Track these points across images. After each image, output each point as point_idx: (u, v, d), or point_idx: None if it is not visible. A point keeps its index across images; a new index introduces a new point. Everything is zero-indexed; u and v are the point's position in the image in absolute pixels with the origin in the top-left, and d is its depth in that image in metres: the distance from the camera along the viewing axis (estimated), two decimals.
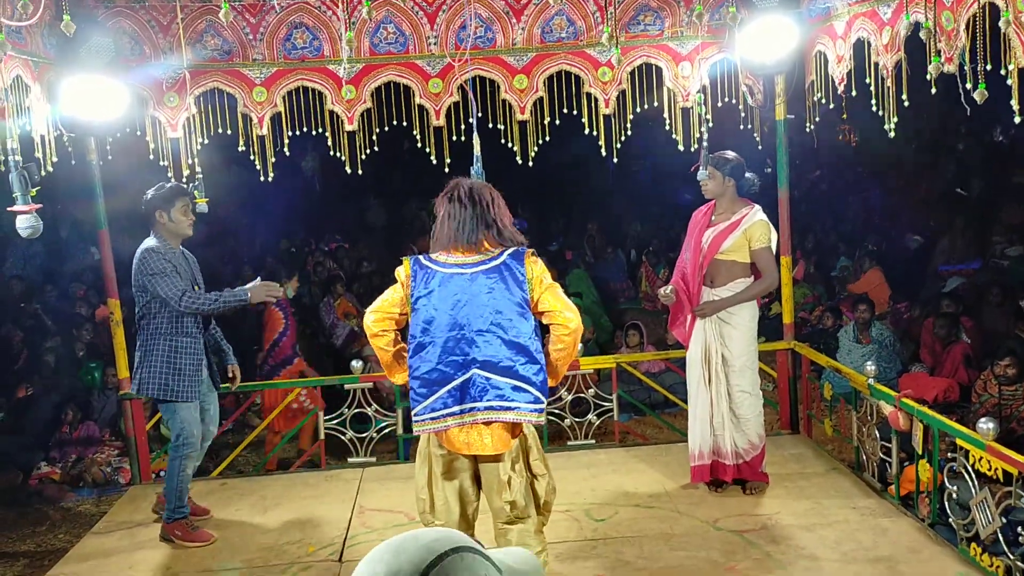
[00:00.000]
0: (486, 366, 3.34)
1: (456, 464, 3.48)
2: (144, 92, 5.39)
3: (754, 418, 4.94)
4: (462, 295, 3.36)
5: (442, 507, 3.50)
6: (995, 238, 10.43)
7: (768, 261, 4.88)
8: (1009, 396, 6.11)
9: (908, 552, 4.23)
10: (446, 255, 3.44)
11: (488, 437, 3.36)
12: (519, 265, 3.40)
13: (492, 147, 5.41)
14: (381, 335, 3.49)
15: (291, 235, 13.81)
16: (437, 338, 3.37)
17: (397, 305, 3.47)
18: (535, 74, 5.55)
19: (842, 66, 4.91)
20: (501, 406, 3.35)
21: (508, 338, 3.35)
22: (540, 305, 3.41)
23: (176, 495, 4.74)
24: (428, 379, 3.38)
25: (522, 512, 3.48)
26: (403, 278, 3.46)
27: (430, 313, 3.38)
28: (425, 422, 3.39)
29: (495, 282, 3.37)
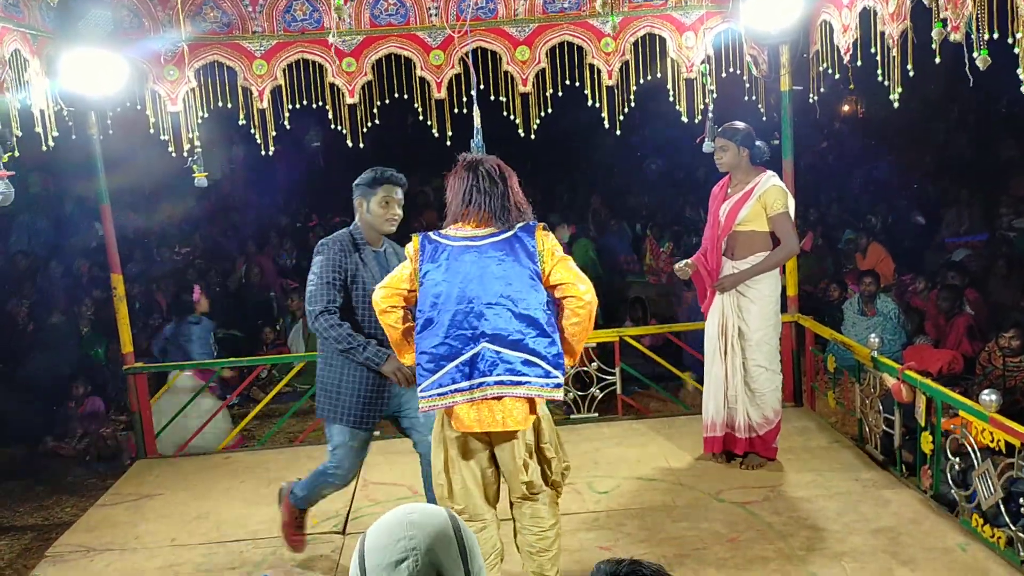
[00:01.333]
0: (495, 339, 3.24)
1: (471, 445, 3.38)
2: (143, 65, 5.36)
3: (770, 393, 4.93)
4: (472, 269, 3.28)
5: (460, 491, 3.41)
6: (1002, 210, 10.35)
7: (786, 227, 4.83)
8: (1014, 368, 6.09)
9: (910, 523, 4.24)
10: (456, 229, 3.36)
11: (500, 413, 3.26)
12: (530, 238, 3.32)
13: (494, 120, 5.37)
14: (390, 311, 3.40)
15: (294, 210, 13.80)
16: (445, 312, 3.27)
17: (406, 281, 3.38)
18: (537, 45, 5.50)
19: (848, 35, 4.85)
20: (512, 380, 3.24)
21: (518, 311, 3.25)
22: (552, 278, 3.31)
23: (309, 492, 4.18)
24: (435, 354, 3.27)
25: (538, 489, 3.43)
26: (412, 253, 3.38)
27: (439, 288, 3.29)
28: (432, 398, 3.29)
29: (505, 254, 3.28)
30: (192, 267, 10.14)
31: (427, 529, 1.42)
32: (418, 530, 1.41)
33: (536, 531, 3.45)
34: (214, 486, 5.31)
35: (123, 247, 7.42)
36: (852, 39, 4.81)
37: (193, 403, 6.29)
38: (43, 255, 10.63)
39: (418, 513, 1.46)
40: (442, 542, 1.42)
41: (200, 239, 11.71)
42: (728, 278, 4.87)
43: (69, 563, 4.41)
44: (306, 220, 13.31)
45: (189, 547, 4.50)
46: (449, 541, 1.42)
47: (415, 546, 1.39)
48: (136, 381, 5.85)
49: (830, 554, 3.99)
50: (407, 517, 1.44)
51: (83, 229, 11.31)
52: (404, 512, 1.46)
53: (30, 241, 11.12)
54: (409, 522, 1.43)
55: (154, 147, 5.63)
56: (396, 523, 1.43)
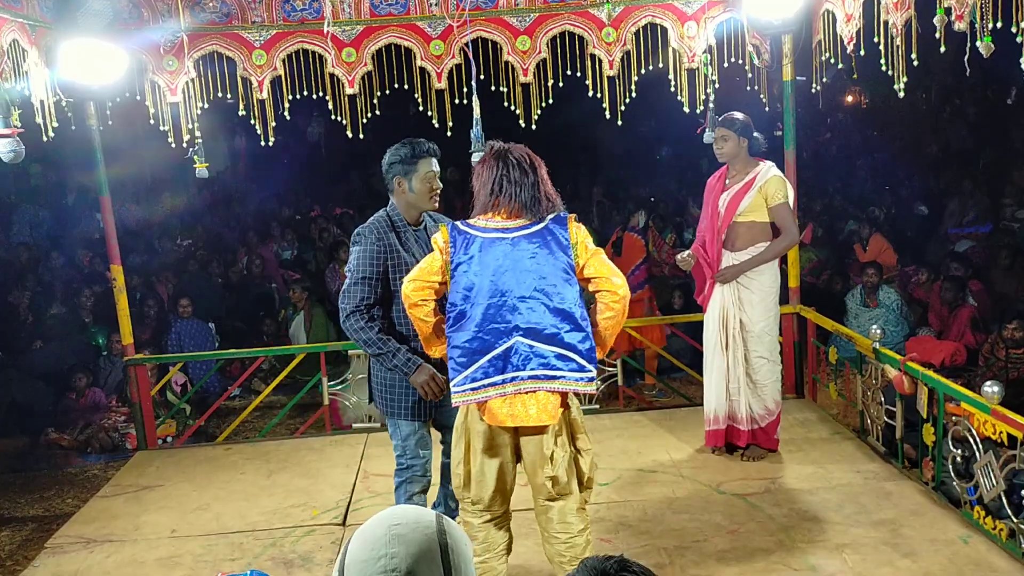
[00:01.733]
0: (529, 333, 3.18)
1: (497, 439, 3.31)
2: (143, 56, 5.33)
3: (771, 384, 4.91)
4: (504, 261, 3.21)
5: (478, 483, 3.36)
6: (1005, 200, 10.32)
7: (787, 217, 4.82)
8: (1017, 359, 6.07)
9: (911, 515, 4.22)
10: (485, 219, 3.27)
11: (533, 407, 3.20)
12: (562, 229, 3.25)
13: (495, 111, 5.34)
14: (421, 304, 3.29)
15: (295, 201, 13.78)
16: (478, 305, 3.20)
17: (437, 273, 3.28)
18: (538, 35, 5.46)
19: (851, 25, 4.81)
20: (545, 375, 3.19)
21: (553, 305, 3.19)
22: (586, 271, 3.26)
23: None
24: (468, 348, 3.21)
25: (564, 488, 3.33)
26: (441, 244, 3.28)
27: (470, 280, 3.22)
28: (465, 392, 3.22)
29: (538, 247, 3.21)
30: (194, 258, 10.14)
31: (411, 546, 1.34)
32: (401, 546, 1.34)
33: (565, 538, 3.36)
34: (214, 478, 5.31)
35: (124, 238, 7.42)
36: (855, 28, 4.77)
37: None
38: (44, 246, 10.63)
39: (403, 524, 1.38)
40: (425, 559, 1.34)
41: (202, 230, 11.70)
42: (729, 269, 4.85)
43: (69, 554, 4.41)
44: (307, 211, 13.30)
45: (189, 538, 4.50)
46: (433, 558, 1.35)
47: (395, 566, 1.31)
48: (137, 373, 5.85)
49: (831, 546, 3.98)
50: (391, 530, 1.37)
51: (84, 220, 11.32)
52: (389, 523, 1.39)
53: (31, 232, 11.13)
54: (392, 536, 1.35)
55: (154, 138, 5.60)
56: (379, 535, 1.36)
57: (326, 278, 9.70)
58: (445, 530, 1.38)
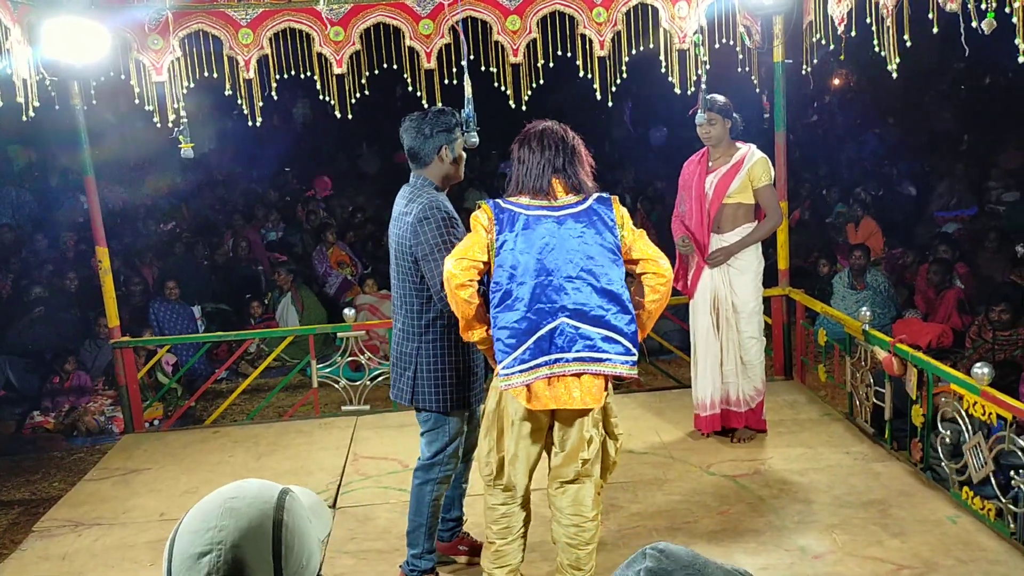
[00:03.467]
0: (576, 315, 3.12)
1: (536, 424, 3.26)
2: (127, 34, 5.25)
3: (759, 364, 4.94)
4: (550, 239, 3.13)
5: (511, 469, 3.28)
6: (991, 183, 10.36)
7: (772, 198, 4.85)
8: (1003, 341, 6.11)
9: (900, 496, 4.25)
10: (528, 197, 3.22)
11: (577, 390, 3.14)
12: (608, 210, 3.20)
13: (485, 91, 5.29)
14: (468, 285, 3.14)
15: (282, 183, 13.68)
16: (525, 284, 3.12)
17: (482, 251, 3.16)
18: (528, 15, 5.41)
19: (842, 6, 4.78)
20: (592, 357, 3.13)
21: (600, 286, 3.13)
22: (633, 252, 3.22)
23: (426, 534, 3.65)
24: (518, 328, 3.11)
25: (587, 472, 3.29)
26: (486, 223, 3.18)
27: (516, 258, 3.13)
28: (513, 375, 3.12)
29: (585, 226, 3.16)
30: (179, 240, 10.05)
31: (241, 520, 1.28)
32: (231, 520, 1.28)
33: (578, 521, 3.32)
34: (203, 460, 5.28)
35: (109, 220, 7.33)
36: (846, 9, 4.74)
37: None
38: (28, 228, 10.53)
39: (240, 498, 1.32)
40: (254, 537, 1.27)
41: (187, 212, 11.61)
42: (720, 251, 4.85)
43: (57, 538, 4.38)
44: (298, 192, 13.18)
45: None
46: (262, 536, 1.28)
47: (221, 539, 1.26)
48: (123, 355, 5.80)
49: (821, 527, 4.00)
50: (227, 503, 1.30)
51: (68, 202, 11.21)
52: (227, 495, 1.33)
53: (14, 214, 11.01)
54: (226, 509, 1.29)
55: (139, 118, 5.53)
56: (213, 508, 1.31)
57: (313, 260, 9.66)
58: (284, 506, 1.32)
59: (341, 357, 5.98)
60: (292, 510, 1.34)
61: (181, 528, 1.30)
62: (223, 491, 1.34)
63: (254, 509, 1.29)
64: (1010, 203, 9.77)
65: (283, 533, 1.29)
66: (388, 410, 5.91)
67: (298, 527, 1.33)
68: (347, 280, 9.21)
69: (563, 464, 3.31)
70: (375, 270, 9.18)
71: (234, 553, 1.25)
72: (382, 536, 4.15)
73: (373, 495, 4.65)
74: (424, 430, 3.61)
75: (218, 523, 1.27)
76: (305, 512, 1.37)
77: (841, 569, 3.67)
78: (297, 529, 1.32)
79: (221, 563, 1.25)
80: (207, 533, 1.26)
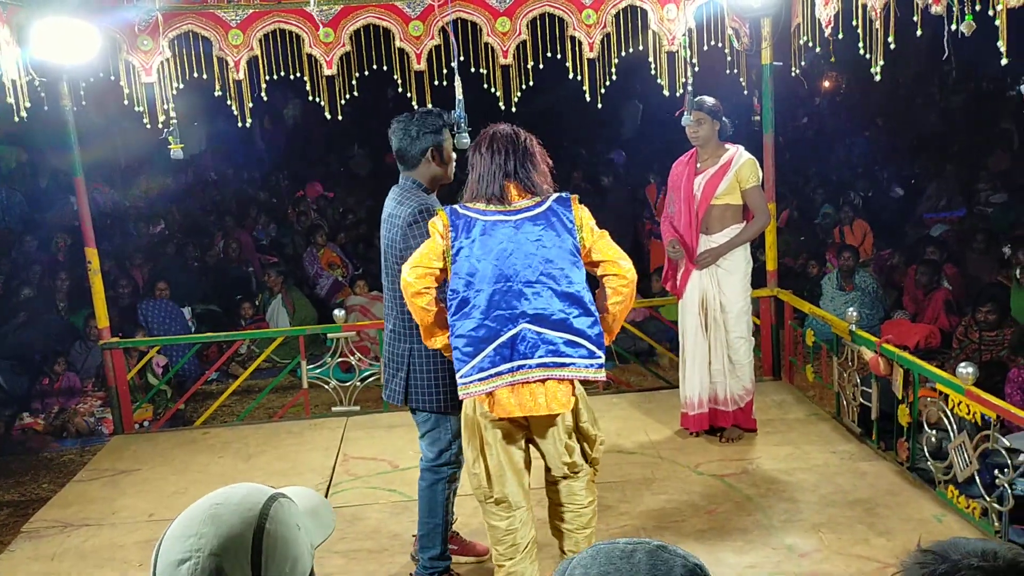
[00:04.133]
0: (537, 320, 3.08)
1: (508, 431, 3.23)
2: (116, 35, 5.25)
3: (748, 364, 4.97)
4: (507, 244, 3.09)
5: (498, 478, 3.25)
6: (980, 185, 10.42)
7: (759, 200, 4.88)
8: (990, 341, 6.15)
9: (886, 495, 4.28)
10: (484, 202, 3.18)
11: (542, 396, 3.11)
12: (566, 211, 3.16)
13: (475, 92, 5.31)
14: (424, 293, 3.14)
15: (273, 184, 13.67)
16: (482, 291, 3.09)
17: (438, 258, 3.14)
18: (518, 17, 5.43)
19: (829, 8, 4.82)
20: (555, 362, 3.10)
21: (561, 289, 3.10)
22: (593, 254, 3.19)
23: (443, 535, 3.67)
24: (475, 336, 3.09)
25: (579, 468, 3.31)
26: (441, 229, 3.15)
27: (472, 265, 3.10)
28: (472, 384, 3.11)
29: (543, 229, 3.11)
30: (170, 242, 10.04)
31: (222, 527, 1.27)
32: (212, 527, 1.27)
33: (573, 508, 3.35)
34: (192, 461, 5.28)
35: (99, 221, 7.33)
36: (833, 11, 4.78)
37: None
38: (18, 229, 10.49)
39: (225, 504, 1.31)
40: (232, 545, 1.26)
41: (178, 213, 11.59)
42: (709, 252, 4.87)
43: (45, 539, 4.38)
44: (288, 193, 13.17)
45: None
46: (241, 544, 1.26)
47: (200, 547, 1.25)
48: (112, 356, 5.80)
49: (807, 525, 4.02)
50: (211, 509, 1.30)
51: (59, 203, 11.17)
52: (213, 501, 1.32)
53: (4, 215, 10.97)
54: (208, 516, 1.28)
55: (129, 119, 5.53)
56: (198, 513, 1.30)
57: (304, 262, 9.66)
58: (268, 514, 1.30)
59: (331, 358, 5.99)
60: (277, 517, 1.31)
61: (167, 533, 1.30)
62: (212, 496, 1.33)
63: (236, 516, 1.28)
64: (998, 205, 9.83)
65: (264, 541, 1.27)
66: (378, 411, 5.93)
67: (282, 535, 1.30)
68: (338, 281, 9.22)
69: (548, 464, 3.35)
70: (366, 271, 9.19)
71: (212, 561, 1.24)
72: (371, 536, 4.16)
73: (362, 495, 4.66)
74: (424, 431, 3.60)
75: (199, 530, 1.26)
76: (293, 519, 1.35)
77: (827, 567, 3.70)
78: (280, 537, 1.30)
79: (199, 571, 1.24)
80: (188, 540, 1.26)
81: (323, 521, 1.46)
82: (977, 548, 1.25)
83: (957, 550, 1.26)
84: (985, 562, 1.24)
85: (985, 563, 1.24)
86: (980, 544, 1.26)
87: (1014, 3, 3.40)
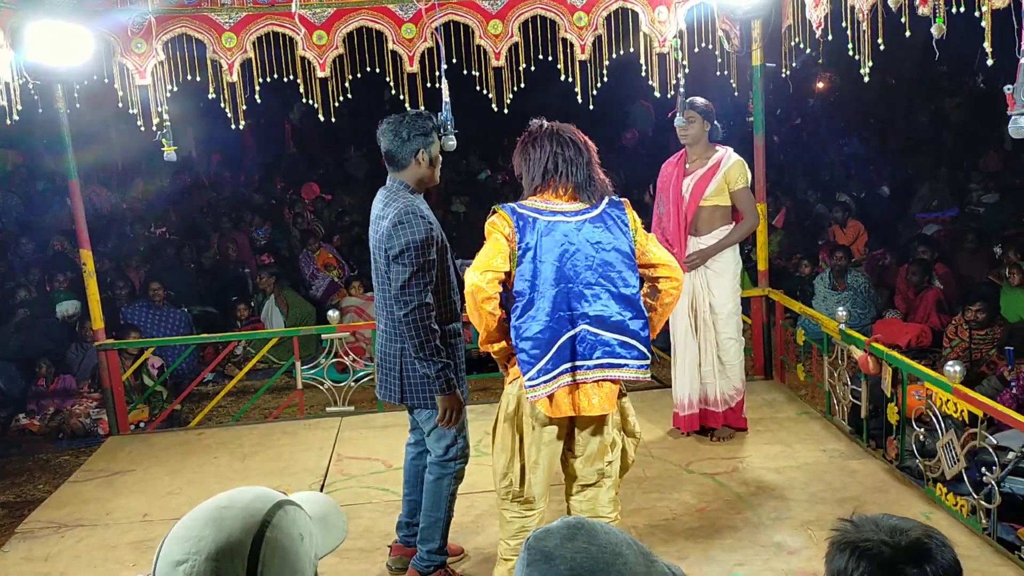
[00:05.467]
0: (596, 322, 3.09)
1: (556, 432, 3.21)
2: (110, 38, 5.28)
3: (738, 364, 4.99)
4: (568, 245, 3.08)
5: (531, 479, 3.22)
6: (972, 185, 10.47)
7: (748, 201, 4.90)
8: (979, 340, 6.19)
9: (875, 492, 4.31)
10: (541, 201, 3.14)
11: (596, 397, 3.13)
12: (621, 213, 3.16)
13: (468, 94, 5.35)
14: (494, 297, 3.08)
15: (269, 186, 13.69)
16: (546, 294, 3.06)
17: (505, 261, 3.08)
18: (510, 19, 5.46)
19: (819, 10, 4.85)
20: (611, 363, 3.12)
21: (618, 291, 3.11)
22: (648, 256, 3.20)
23: (443, 529, 3.69)
24: (541, 339, 3.07)
25: (608, 473, 3.29)
26: (506, 231, 3.09)
27: (535, 266, 3.07)
28: (539, 386, 3.08)
29: (602, 231, 3.11)
30: (169, 244, 10.07)
31: (222, 531, 1.26)
32: (214, 531, 1.26)
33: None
34: (187, 462, 5.30)
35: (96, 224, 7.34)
36: (824, 13, 4.81)
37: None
38: (15, 232, 10.50)
39: (230, 508, 1.30)
40: (230, 550, 1.25)
41: (174, 215, 11.61)
42: (697, 254, 4.90)
43: (40, 539, 4.40)
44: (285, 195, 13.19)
45: (161, 523, 4.50)
46: (239, 550, 1.25)
47: (199, 549, 1.24)
48: (107, 357, 5.82)
49: (796, 523, 4.06)
50: (216, 512, 1.29)
51: (55, 206, 11.19)
52: (219, 504, 1.31)
53: (1, 219, 10.99)
54: (212, 519, 1.28)
55: (125, 122, 5.55)
56: (203, 515, 1.30)
57: (300, 263, 9.69)
58: (271, 522, 1.28)
59: (326, 359, 6.01)
60: (279, 526, 1.29)
61: (171, 533, 1.30)
62: (219, 497, 1.33)
63: (239, 521, 1.27)
64: (989, 204, 9.88)
65: (263, 549, 1.26)
66: (373, 411, 5.95)
67: (282, 544, 1.28)
68: (334, 282, 9.25)
69: (584, 467, 3.31)
70: (362, 273, 9.22)
71: (208, 565, 1.23)
72: (364, 535, 4.19)
73: (356, 495, 4.68)
74: (430, 428, 3.60)
75: (200, 532, 1.26)
76: (296, 528, 1.33)
77: (816, 565, 3.72)
78: (280, 546, 1.28)
79: (195, 573, 1.23)
80: (188, 541, 1.26)
81: (333, 529, 1.45)
82: (889, 525, 1.32)
83: (874, 524, 1.32)
84: (891, 538, 1.30)
85: (890, 539, 1.30)
86: (895, 521, 1.32)
87: (999, 4, 3.44)
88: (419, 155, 3.50)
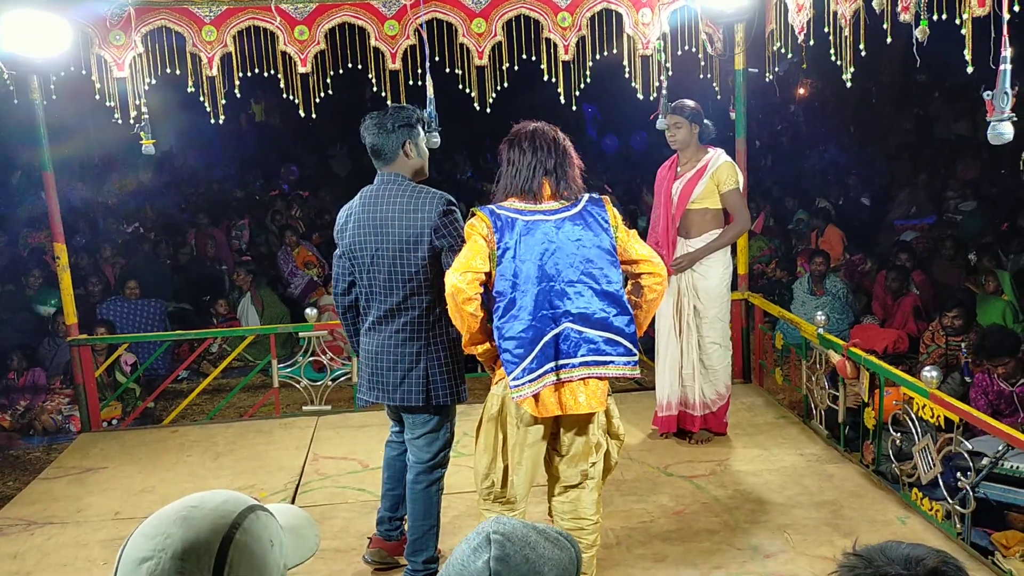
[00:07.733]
0: (579, 319, 3.08)
1: (540, 431, 3.19)
2: (88, 29, 5.21)
3: (723, 369, 4.98)
4: (548, 244, 3.08)
5: (515, 479, 3.21)
6: (949, 193, 10.56)
7: (738, 203, 4.88)
8: (955, 347, 6.23)
9: (851, 496, 4.32)
10: (520, 202, 3.15)
11: (582, 395, 3.12)
12: (601, 211, 3.17)
13: (451, 93, 5.31)
14: (474, 299, 3.08)
15: (248, 182, 13.59)
16: (527, 292, 3.06)
17: (485, 261, 3.09)
18: (494, 18, 5.44)
19: (802, 15, 4.87)
20: (596, 360, 3.10)
21: (601, 288, 3.11)
22: (628, 253, 3.21)
23: (436, 536, 3.63)
24: (524, 338, 3.06)
25: (592, 474, 3.26)
26: (485, 232, 3.10)
27: (516, 266, 3.07)
28: (524, 386, 3.07)
29: (582, 229, 3.12)
30: (146, 240, 9.96)
31: (189, 531, 1.23)
32: (181, 529, 1.23)
33: (580, 524, 3.29)
34: (160, 460, 5.24)
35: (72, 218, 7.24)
36: (806, 18, 4.83)
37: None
38: None
39: (199, 508, 1.27)
40: (196, 551, 1.22)
41: (150, 210, 11.50)
42: (685, 257, 4.89)
43: (9, 537, 4.32)
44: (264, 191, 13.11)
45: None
46: (206, 551, 1.22)
47: (164, 547, 1.22)
48: (80, 353, 5.74)
49: (773, 526, 4.06)
50: (184, 511, 1.27)
51: (30, 199, 11.05)
52: (189, 503, 1.29)
53: None
54: (180, 517, 1.25)
55: (102, 114, 5.47)
56: (171, 513, 1.27)
57: (278, 260, 9.61)
58: (241, 525, 1.26)
59: (303, 357, 5.96)
60: (249, 529, 1.27)
61: (137, 530, 1.27)
62: (190, 497, 1.30)
63: (207, 522, 1.25)
64: (966, 212, 9.97)
65: (231, 551, 1.23)
66: (349, 410, 5.91)
67: (251, 548, 1.26)
68: (313, 281, 9.18)
69: (568, 468, 3.29)
70: None
71: (173, 564, 1.21)
72: (339, 535, 4.15)
73: (331, 495, 4.64)
74: (423, 432, 3.53)
75: (168, 530, 1.23)
76: (267, 534, 1.30)
77: (792, 568, 3.72)
78: (249, 550, 1.26)
79: (158, 571, 1.21)
80: (154, 539, 1.23)
81: (304, 541, 1.42)
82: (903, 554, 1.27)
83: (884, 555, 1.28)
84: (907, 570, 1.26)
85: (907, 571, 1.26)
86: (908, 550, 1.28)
87: (979, 12, 3.46)
88: (406, 146, 3.45)
